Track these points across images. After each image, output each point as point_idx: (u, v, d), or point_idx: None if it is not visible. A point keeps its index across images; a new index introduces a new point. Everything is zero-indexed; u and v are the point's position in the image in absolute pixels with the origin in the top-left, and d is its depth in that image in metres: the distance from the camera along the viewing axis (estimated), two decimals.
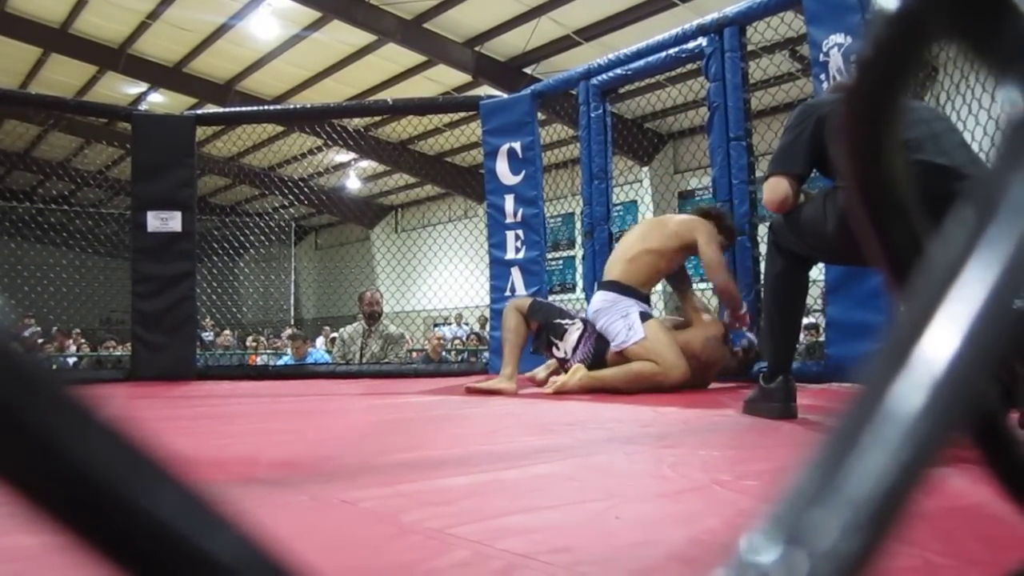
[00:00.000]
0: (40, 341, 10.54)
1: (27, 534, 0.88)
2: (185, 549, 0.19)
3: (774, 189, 2.32)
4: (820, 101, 2.44)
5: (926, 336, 0.21)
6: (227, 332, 12.64)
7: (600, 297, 3.88)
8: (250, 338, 13.05)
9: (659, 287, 4.70)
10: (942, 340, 0.21)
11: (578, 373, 3.64)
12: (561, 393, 3.58)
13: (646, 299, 3.89)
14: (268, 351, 11.68)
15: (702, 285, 4.52)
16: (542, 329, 3.91)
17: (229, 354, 11.35)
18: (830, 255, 2.43)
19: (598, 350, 3.74)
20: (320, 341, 11.45)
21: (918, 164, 1.87)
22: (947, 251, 0.23)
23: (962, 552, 0.93)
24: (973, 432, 0.36)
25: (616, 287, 3.82)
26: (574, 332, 3.81)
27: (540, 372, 4.18)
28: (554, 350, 3.89)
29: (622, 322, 3.68)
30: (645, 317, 3.70)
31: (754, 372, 3.85)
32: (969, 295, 0.22)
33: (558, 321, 3.89)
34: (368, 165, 15.36)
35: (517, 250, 5.30)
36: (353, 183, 16.60)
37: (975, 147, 3.26)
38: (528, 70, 11.43)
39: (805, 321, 9.41)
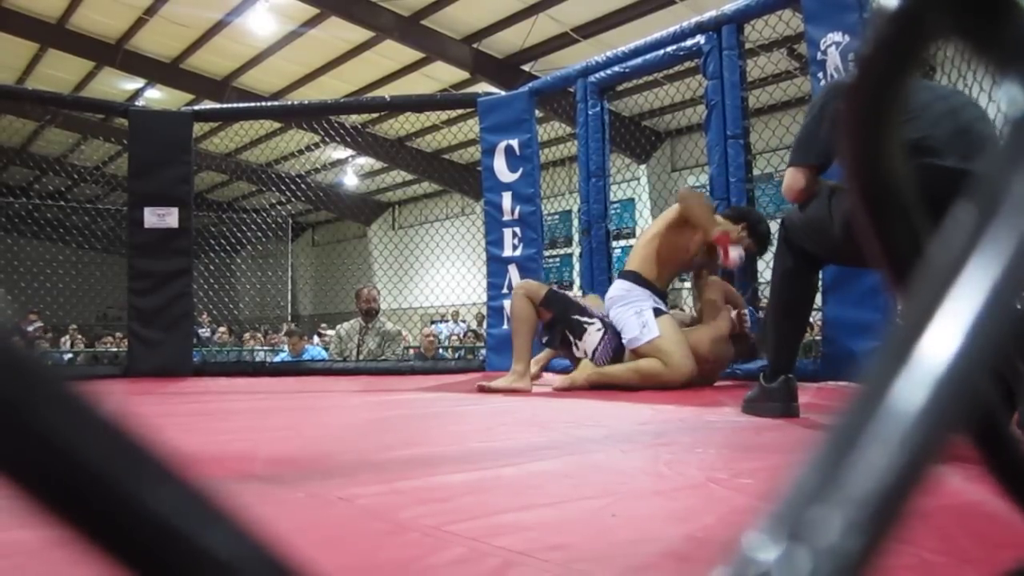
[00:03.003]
0: (39, 337, 10.52)
1: (25, 529, 0.88)
2: (183, 545, 0.19)
3: (790, 180, 2.30)
4: (843, 82, 2.40)
5: (927, 334, 0.21)
6: (222, 329, 12.64)
7: (616, 285, 3.86)
8: (247, 334, 13.04)
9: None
10: (943, 338, 0.21)
11: (586, 371, 3.62)
12: (569, 390, 3.57)
13: (661, 294, 3.82)
14: (265, 347, 11.67)
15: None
16: (556, 322, 3.79)
17: (226, 350, 11.34)
18: (835, 256, 2.39)
19: (616, 351, 3.71)
20: (317, 339, 11.45)
21: (940, 170, 1.76)
22: (948, 249, 0.23)
23: (957, 550, 0.93)
24: (973, 431, 0.36)
25: (631, 276, 3.80)
26: (595, 333, 3.73)
27: (532, 367, 4.12)
28: (573, 349, 3.80)
29: (636, 319, 3.63)
30: (658, 313, 3.66)
31: (755, 370, 3.85)
32: (970, 293, 0.22)
33: (576, 318, 3.78)
34: (365, 162, 15.35)
35: (514, 247, 5.30)
36: (350, 180, 16.60)
37: None
38: (526, 67, 11.42)
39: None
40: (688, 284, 4.34)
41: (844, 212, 2.11)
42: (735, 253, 3.49)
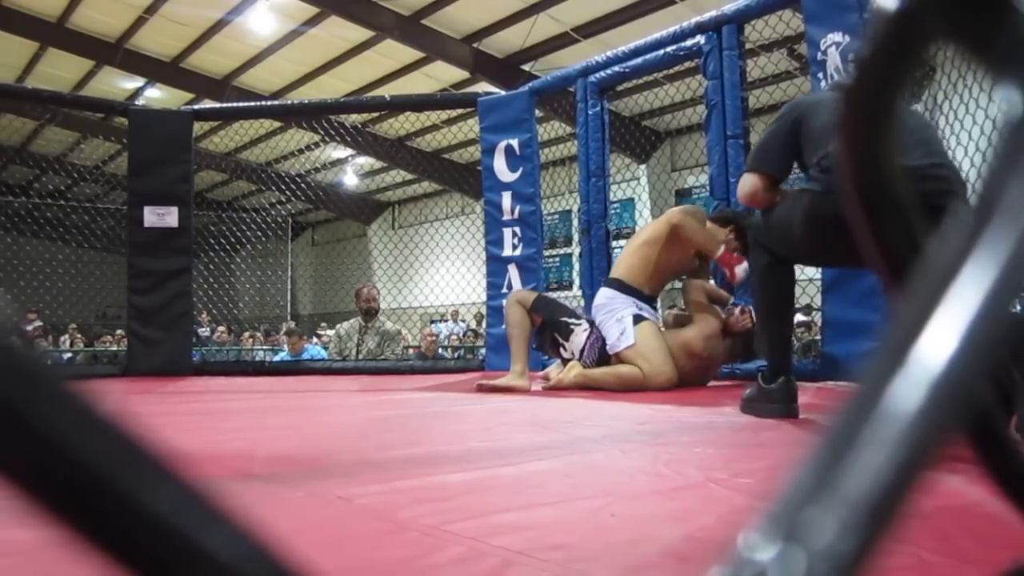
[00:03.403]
0: (39, 336, 10.52)
1: (24, 528, 0.88)
2: (183, 544, 0.19)
3: (744, 184, 2.40)
4: (803, 99, 2.47)
5: (923, 336, 0.21)
6: (221, 328, 12.64)
7: (601, 294, 3.89)
8: (246, 333, 13.03)
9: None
10: (939, 340, 0.21)
11: (573, 371, 3.65)
12: (556, 389, 3.61)
13: (648, 299, 3.84)
14: (264, 347, 11.66)
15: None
16: (546, 326, 3.86)
17: (226, 350, 11.34)
18: (798, 256, 2.42)
19: (603, 351, 3.73)
20: (316, 340, 11.45)
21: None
22: (945, 252, 0.23)
23: (956, 551, 0.93)
24: (969, 432, 0.36)
25: (616, 284, 3.83)
26: (581, 334, 3.77)
27: (553, 371, 4.15)
28: (561, 351, 3.86)
29: (616, 325, 3.67)
30: (639, 320, 3.68)
31: (753, 370, 3.84)
32: (966, 296, 0.22)
33: (564, 320, 3.84)
34: (365, 161, 15.33)
35: (514, 247, 5.30)
36: (350, 179, 16.57)
37: (972, 147, 3.27)
38: (526, 67, 11.41)
39: (798, 318, 9.44)
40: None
41: (804, 210, 2.16)
42: (740, 270, 3.55)
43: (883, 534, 0.19)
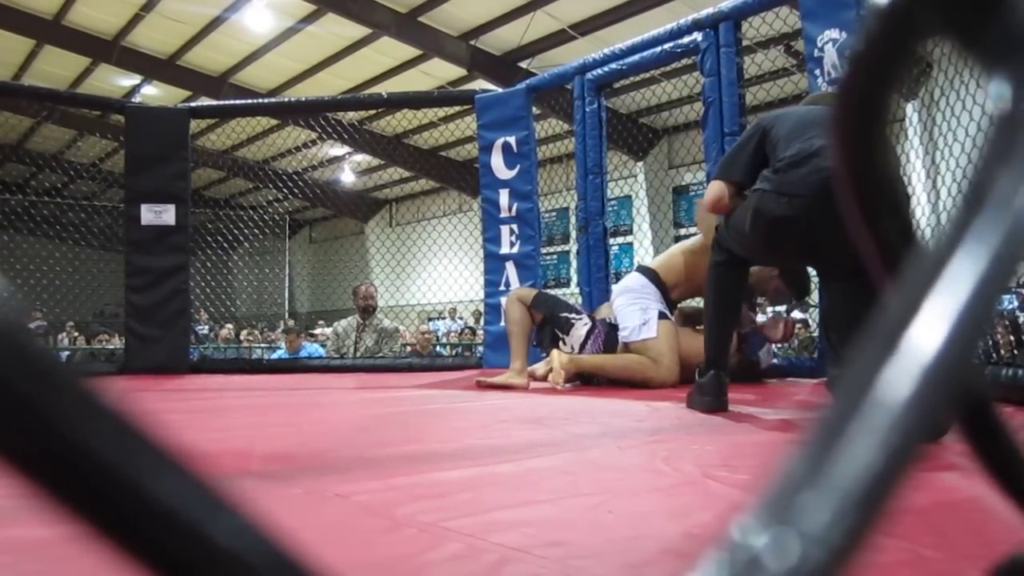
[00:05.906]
0: (41, 335, 10.50)
1: (23, 527, 0.88)
2: (190, 535, 0.20)
3: (710, 190, 2.56)
4: (768, 114, 2.58)
5: (914, 324, 0.22)
6: (229, 326, 12.63)
7: (634, 278, 3.87)
8: (244, 331, 13.03)
9: None
10: (930, 328, 0.22)
11: (561, 357, 3.64)
12: (545, 377, 3.62)
13: (671, 304, 3.85)
14: (262, 344, 11.66)
15: None
16: (546, 322, 3.86)
17: (223, 348, 11.33)
18: (750, 253, 2.51)
19: (607, 346, 3.72)
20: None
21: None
22: (936, 242, 0.23)
23: (952, 546, 0.93)
24: (962, 420, 0.36)
25: (651, 275, 3.82)
26: (581, 328, 3.77)
27: (540, 368, 4.14)
28: (560, 345, 3.83)
29: (640, 314, 3.66)
30: (662, 316, 3.68)
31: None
32: (956, 285, 0.22)
33: (564, 315, 3.84)
34: (363, 159, 15.32)
35: (511, 244, 5.30)
36: (348, 177, 16.57)
37: (970, 144, 3.27)
38: (523, 64, 11.41)
39: (797, 316, 9.47)
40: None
41: (751, 206, 2.29)
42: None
43: (876, 519, 0.19)
